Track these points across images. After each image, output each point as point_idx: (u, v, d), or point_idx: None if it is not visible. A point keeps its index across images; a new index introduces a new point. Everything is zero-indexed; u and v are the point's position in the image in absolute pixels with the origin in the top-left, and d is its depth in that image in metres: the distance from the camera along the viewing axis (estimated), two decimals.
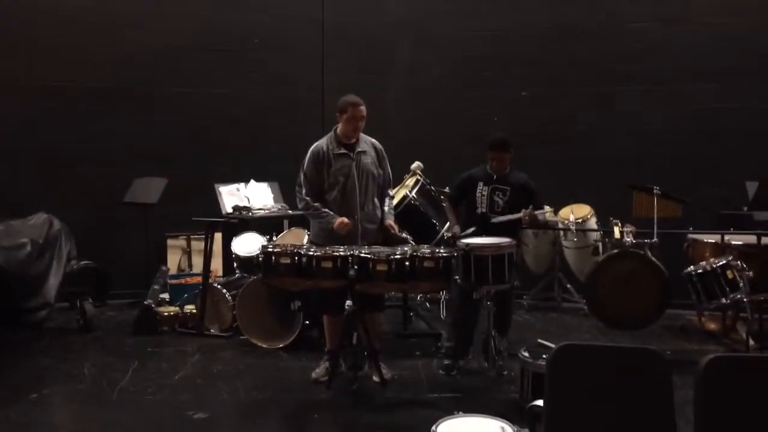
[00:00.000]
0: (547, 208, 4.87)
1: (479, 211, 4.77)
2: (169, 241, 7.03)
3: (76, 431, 3.98)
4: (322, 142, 4.52)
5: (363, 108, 4.42)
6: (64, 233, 5.80)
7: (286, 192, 6.48)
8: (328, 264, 4.07)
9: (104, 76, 6.85)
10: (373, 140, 4.61)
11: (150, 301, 5.80)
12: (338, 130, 4.49)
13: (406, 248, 4.22)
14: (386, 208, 4.59)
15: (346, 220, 4.34)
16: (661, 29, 6.61)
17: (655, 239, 4.91)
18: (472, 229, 4.68)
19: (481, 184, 4.80)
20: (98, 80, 6.83)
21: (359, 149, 4.46)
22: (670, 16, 6.58)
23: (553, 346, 2.57)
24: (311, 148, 4.52)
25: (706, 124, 6.47)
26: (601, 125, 6.79)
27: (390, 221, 4.54)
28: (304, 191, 4.48)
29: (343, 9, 7.30)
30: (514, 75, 7.00)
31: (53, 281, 5.59)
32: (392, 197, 4.75)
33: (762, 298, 4.74)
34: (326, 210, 4.41)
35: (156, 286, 6.02)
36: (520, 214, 4.61)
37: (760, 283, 4.78)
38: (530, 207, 4.62)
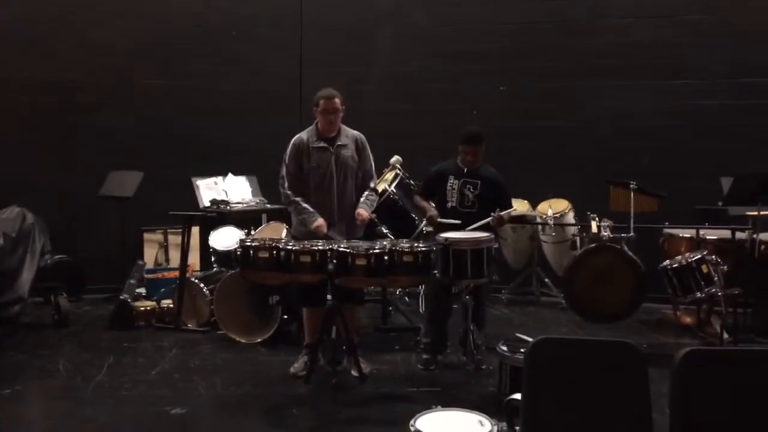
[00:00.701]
0: (514, 207, 4.88)
1: (449, 205, 4.77)
2: (146, 235, 6.94)
3: (51, 427, 3.93)
4: (303, 135, 4.51)
5: (336, 101, 4.40)
6: (37, 227, 5.71)
7: (264, 186, 6.46)
8: (307, 258, 4.05)
9: (80, 68, 6.74)
10: (357, 133, 4.58)
11: (126, 295, 5.74)
12: (318, 123, 4.48)
13: (384, 242, 4.22)
14: (362, 198, 4.53)
15: (323, 223, 4.34)
16: (642, 25, 6.64)
17: (631, 234, 4.97)
18: (456, 222, 4.67)
19: (451, 177, 4.78)
20: (73, 72, 6.71)
21: (339, 143, 4.45)
22: (651, 12, 6.62)
23: (531, 339, 2.59)
24: (292, 140, 4.51)
25: (684, 120, 6.53)
26: (579, 120, 6.82)
27: (360, 210, 4.46)
28: (286, 184, 4.49)
29: (322, 1, 7.25)
30: (494, 69, 7.00)
31: (27, 276, 5.51)
32: (375, 190, 4.67)
33: (736, 292, 4.80)
34: (307, 206, 4.41)
35: (132, 281, 5.95)
36: (489, 219, 4.60)
37: (734, 277, 4.85)
38: (497, 210, 4.60)
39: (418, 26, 7.16)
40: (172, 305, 5.71)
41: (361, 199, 4.53)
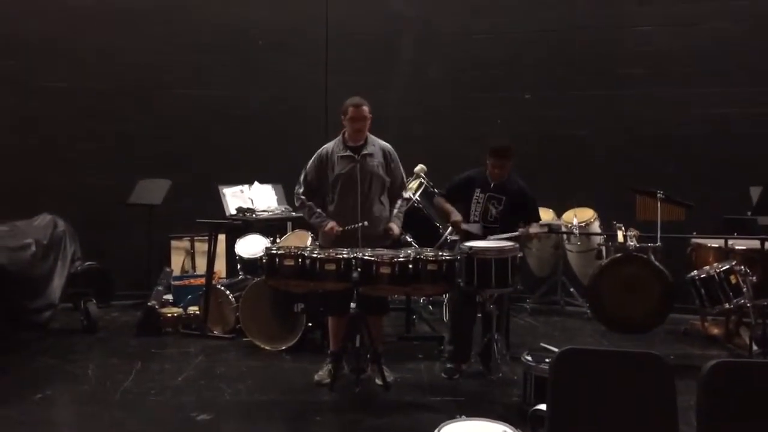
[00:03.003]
0: (541, 223, 4.88)
1: (471, 219, 4.77)
2: (173, 243, 7.03)
3: None
4: (329, 145, 4.55)
5: (365, 108, 4.42)
6: (68, 234, 5.80)
7: (289, 194, 6.49)
8: (332, 266, 4.08)
9: (108, 77, 6.85)
10: (386, 145, 4.58)
11: (153, 302, 5.81)
12: (345, 132, 4.51)
13: (409, 251, 4.23)
14: (395, 211, 4.57)
15: (336, 226, 4.35)
16: (667, 33, 6.60)
17: (658, 243, 4.91)
18: (478, 227, 4.67)
19: (478, 190, 4.78)
20: (102, 81, 6.84)
21: (365, 152, 4.45)
22: (676, 21, 6.57)
23: (555, 350, 2.58)
24: (318, 151, 4.54)
25: (711, 129, 6.45)
26: (604, 128, 6.78)
27: (392, 224, 4.51)
28: (301, 189, 4.54)
29: (347, 10, 7.29)
30: (518, 77, 6.99)
31: (57, 282, 5.59)
32: (408, 200, 4.69)
33: (765, 303, 4.72)
34: (319, 210, 4.45)
35: (160, 288, 6.03)
36: (517, 234, 4.60)
37: (763, 288, 4.77)
38: (526, 224, 4.60)
39: (442, 34, 7.17)
40: (198, 312, 5.76)
41: (394, 212, 4.54)
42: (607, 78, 6.77)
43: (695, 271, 4.95)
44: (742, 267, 4.75)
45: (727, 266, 4.77)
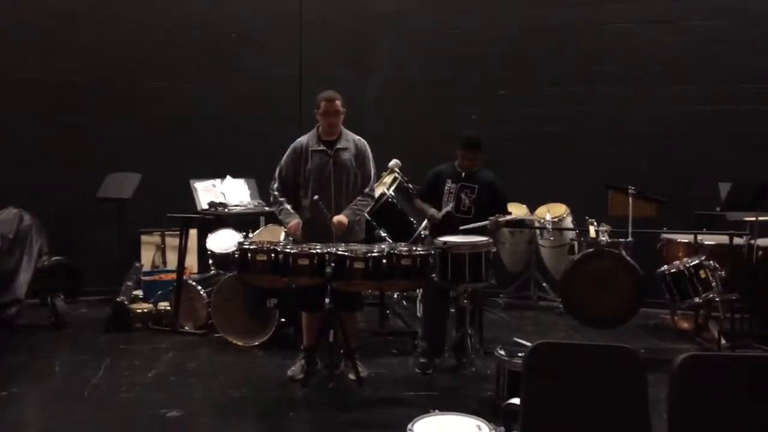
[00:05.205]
0: (511, 212, 4.90)
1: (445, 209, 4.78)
2: (143, 237, 6.94)
3: (47, 430, 3.93)
4: (303, 139, 4.51)
5: (337, 103, 4.39)
6: (35, 228, 5.69)
7: (262, 188, 6.44)
8: (305, 261, 4.05)
9: (78, 70, 6.73)
10: (358, 138, 4.54)
11: (123, 297, 5.73)
12: (319, 126, 4.47)
13: (383, 246, 4.22)
14: (352, 203, 4.40)
15: (297, 223, 4.33)
16: (642, 31, 6.66)
17: (630, 238, 4.96)
18: (450, 206, 4.67)
19: (449, 181, 4.80)
20: (71, 74, 6.70)
21: (339, 146, 4.42)
22: (651, 18, 6.63)
23: (528, 344, 2.58)
24: (292, 144, 4.50)
25: (682, 126, 6.53)
26: (578, 125, 6.83)
27: (340, 216, 4.28)
28: (276, 185, 4.51)
29: (322, 4, 7.26)
30: (493, 74, 7.01)
31: (24, 277, 5.48)
32: (370, 196, 4.53)
33: (733, 297, 4.80)
34: (288, 207, 4.42)
35: (129, 283, 5.95)
36: (487, 222, 4.62)
37: (731, 282, 4.85)
38: (495, 215, 4.62)
39: (417, 30, 7.17)
40: (169, 307, 5.70)
41: (350, 204, 4.41)
42: (582, 75, 6.83)
43: (665, 266, 5.01)
44: (712, 262, 4.82)
45: (697, 261, 4.83)
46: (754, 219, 5.01)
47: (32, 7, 6.60)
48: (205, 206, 5.67)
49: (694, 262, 4.83)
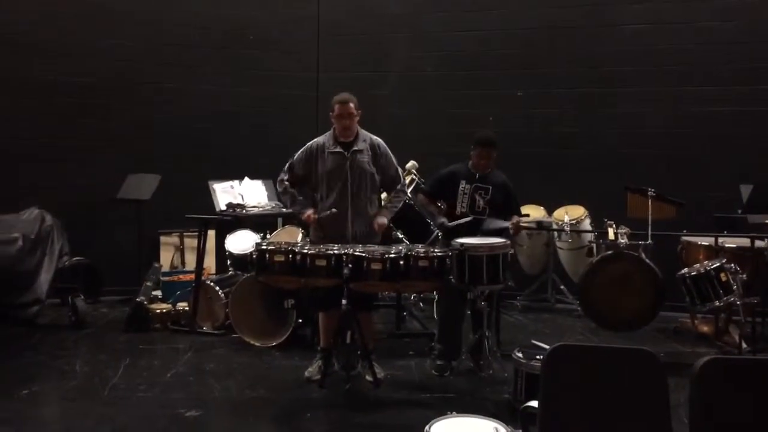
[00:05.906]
0: (526, 213, 4.90)
1: (459, 210, 4.76)
2: (162, 238, 7.00)
3: (67, 428, 3.96)
4: (320, 139, 4.52)
5: (351, 105, 4.38)
6: (56, 229, 5.76)
7: None
8: (323, 262, 4.05)
9: (97, 72, 6.79)
10: (376, 139, 4.54)
11: (142, 298, 5.77)
12: (336, 127, 4.48)
13: (400, 247, 4.22)
14: (390, 204, 4.57)
15: (312, 213, 4.39)
16: (660, 32, 6.61)
17: (649, 241, 4.92)
18: (467, 219, 4.66)
19: (463, 182, 4.78)
20: (91, 76, 6.77)
21: (355, 148, 4.42)
22: (669, 19, 6.58)
23: (546, 346, 2.57)
24: (309, 143, 4.52)
25: (702, 127, 6.47)
26: (597, 126, 6.79)
27: (379, 216, 4.46)
28: (286, 176, 4.54)
29: (339, 6, 7.28)
30: (510, 74, 6.99)
31: (45, 277, 5.56)
32: (403, 192, 4.66)
33: (755, 301, 4.74)
34: (301, 198, 4.50)
35: (148, 283, 5.99)
36: (508, 224, 4.60)
37: (752, 286, 4.79)
38: (516, 219, 4.62)
39: (434, 31, 7.17)
40: (187, 308, 5.73)
41: (386, 203, 4.52)
42: (601, 76, 6.78)
43: (686, 269, 4.96)
44: (732, 265, 4.76)
45: (718, 264, 4.78)
46: None
47: (48, 11, 6.65)
48: (224, 207, 5.71)
49: (714, 265, 4.77)
